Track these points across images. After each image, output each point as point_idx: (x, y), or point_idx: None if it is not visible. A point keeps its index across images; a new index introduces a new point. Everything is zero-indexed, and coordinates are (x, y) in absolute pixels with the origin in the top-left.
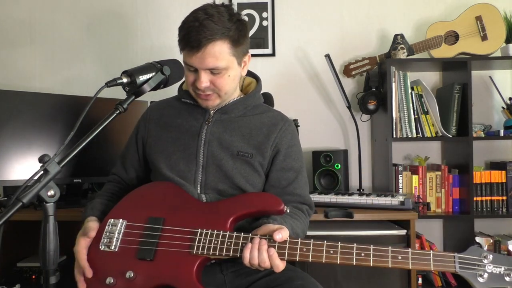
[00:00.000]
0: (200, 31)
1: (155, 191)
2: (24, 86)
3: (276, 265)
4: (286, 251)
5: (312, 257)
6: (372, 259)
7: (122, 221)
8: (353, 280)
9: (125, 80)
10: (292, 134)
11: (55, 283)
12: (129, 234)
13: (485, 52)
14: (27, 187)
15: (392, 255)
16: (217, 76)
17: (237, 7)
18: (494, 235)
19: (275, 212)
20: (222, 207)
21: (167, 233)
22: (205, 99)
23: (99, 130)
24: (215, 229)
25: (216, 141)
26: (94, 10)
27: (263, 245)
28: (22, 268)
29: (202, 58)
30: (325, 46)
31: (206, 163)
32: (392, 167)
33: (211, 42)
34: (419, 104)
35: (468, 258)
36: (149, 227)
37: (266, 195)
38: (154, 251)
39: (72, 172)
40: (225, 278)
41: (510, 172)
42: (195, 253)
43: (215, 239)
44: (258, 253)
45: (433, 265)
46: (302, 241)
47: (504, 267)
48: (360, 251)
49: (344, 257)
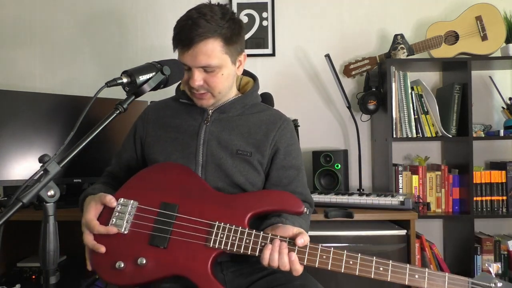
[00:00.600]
0: (192, 29)
1: (169, 174)
2: (24, 86)
3: (296, 270)
4: (306, 256)
5: (331, 265)
6: (390, 275)
7: (134, 202)
8: (354, 280)
9: (125, 80)
10: (291, 132)
11: (55, 283)
12: (141, 218)
13: (485, 52)
14: (27, 187)
15: (410, 273)
16: (211, 74)
17: (237, 7)
18: (494, 235)
19: (294, 213)
20: (240, 202)
21: (181, 222)
22: (199, 98)
23: (99, 130)
24: (232, 223)
25: (215, 140)
26: (94, 10)
27: (284, 249)
28: (22, 268)
29: (194, 56)
30: (325, 46)
31: (205, 162)
32: (392, 167)
33: (202, 40)
34: (419, 104)
35: (481, 285)
36: (162, 212)
37: (287, 195)
38: (168, 239)
39: (72, 172)
40: (225, 278)
41: (510, 172)
42: (211, 246)
43: (233, 234)
44: (279, 256)
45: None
46: (322, 248)
47: None
48: (379, 265)
49: (363, 269)
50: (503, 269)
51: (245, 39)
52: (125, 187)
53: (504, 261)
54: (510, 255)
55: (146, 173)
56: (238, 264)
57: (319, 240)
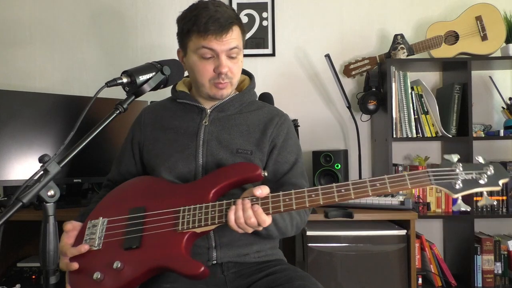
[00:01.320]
0: (221, 18)
1: (134, 184)
2: (24, 86)
3: (262, 220)
4: (270, 205)
5: (296, 204)
6: (353, 192)
7: (103, 219)
8: (353, 280)
9: (125, 80)
10: (288, 128)
11: (55, 283)
12: (112, 229)
13: (485, 52)
14: (27, 187)
15: (371, 183)
16: (233, 61)
17: (237, 7)
18: (494, 235)
19: (253, 177)
20: (201, 184)
21: (150, 218)
22: (222, 87)
23: (99, 130)
24: (196, 203)
25: (215, 140)
26: (94, 10)
27: (246, 204)
28: (22, 268)
29: (226, 40)
30: (325, 46)
31: (205, 163)
32: (392, 167)
33: (233, 25)
34: (419, 104)
35: (441, 171)
36: (131, 217)
37: (241, 164)
38: (140, 237)
39: (72, 172)
40: (226, 279)
41: (510, 172)
42: (180, 229)
43: (199, 211)
44: (243, 212)
45: (410, 184)
46: (283, 193)
47: (475, 171)
48: (340, 188)
49: (326, 196)
50: (503, 269)
51: (245, 39)
52: (94, 210)
53: (504, 261)
54: (510, 255)
55: (113, 191)
56: (239, 265)
57: (319, 240)
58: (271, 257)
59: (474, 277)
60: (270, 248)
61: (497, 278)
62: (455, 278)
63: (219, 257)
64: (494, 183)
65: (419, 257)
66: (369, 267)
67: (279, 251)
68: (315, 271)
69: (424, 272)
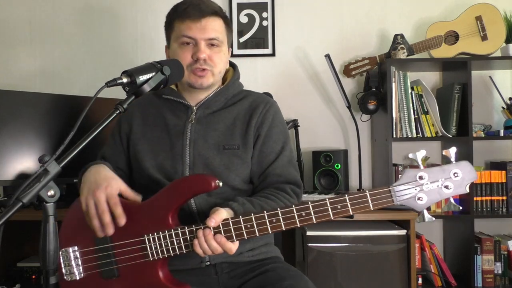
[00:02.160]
0: (201, 4)
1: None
2: (24, 86)
3: (228, 249)
4: (233, 232)
5: (258, 231)
6: (314, 216)
7: (73, 248)
8: (353, 280)
9: (125, 80)
10: (273, 115)
11: (55, 283)
12: (86, 260)
13: (485, 52)
14: (27, 187)
15: (332, 206)
16: (214, 50)
17: (237, 7)
18: (494, 235)
19: (206, 190)
20: (157, 204)
21: (119, 249)
22: (201, 75)
23: (99, 130)
24: (158, 230)
25: (201, 139)
26: (94, 10)
27: (207, 235)
28: (22, 268)
29: (203, 28)
30: (325, 46)
31: (192, 164)
32: (392, 167)
33: (212, 16)
34: (419, 104)
35: (404, 187)
36: (99, 248)
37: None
38: (116, 269)
39: (72, 172)
40: (219, 280)
41: (510, 172)
42: (152, 259)
43: (164, 241)
44: (207, 244)
45: (372, 205)
46: (244, 218)
47: (441, 179)
48: (301, 212)
49: (287, 222)
50: (503, 269)
51: (245, 39)
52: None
53: (504, 261)
54: (510, 255)
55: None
56: (233, 265)
57: (319, 240)
58: (266, 255)
59: (474, 277)
60: (264, 245)
61: (497, 278)
62: (455, 278)
63: (212, 258)
64: (461, 188)
65: (419, 257)
66: (369, 267)
67: (275, 248)
68: (315, 271)
69: (424, 272)
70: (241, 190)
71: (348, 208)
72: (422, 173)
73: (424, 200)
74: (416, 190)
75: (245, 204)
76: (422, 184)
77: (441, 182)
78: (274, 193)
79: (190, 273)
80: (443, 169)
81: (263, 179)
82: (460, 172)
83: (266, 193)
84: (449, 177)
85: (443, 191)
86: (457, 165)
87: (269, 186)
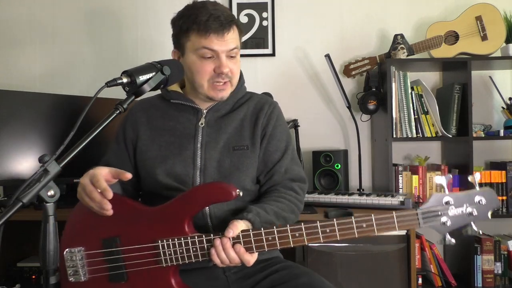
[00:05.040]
0: (221, 16)
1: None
2: (24, 86)
3: (246, 260)
4: (253, 244)
5: (279, 244)
6: (339, 234)
7: (79, 249)
8: (353, 280)
9: (125, 80)
10: (277, 115)
11: (55, 283)
12: (92, 262)
13: (485, 52)
14: (27, 187)
15: (357, 225)
16: (233, 61)
17: (237, 7)
18: (494, 235)
19: (227, 200)
20: (173, 210)
21: (129, 253)
22: (222, 88)
23: (99, 130)
24: (174, 235)
25: (213, 142)
26: (94, 10)
27: (226, 244)
28: (22, 268)
29: (226, 40)
30: (325, 46)
31: (204, 166)
32: (392, 167)
33: (232, 27)
34: (419, 104)
35: (431, 211)
36: (108, 251)
37: (211, 187)
38: (125, 273)
39: (72, 172)
40: (228, 280)
41: (510, 172)
42: (165, 266)
43: (179, 248)
44: (225, 253)
45: (398, 227)
46: (266, 231)
47: (466, 204)
48: (325, 228)
49: (310, 237)
50: (503, 269)
51: (245, 39)
52: (65, 237)
53: (504, 261)
54: (510, 255)
55: (77, 213)
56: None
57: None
58: (270, 255)
59: (474, 277)
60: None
61: (497, 278)
62: (455, 278)
63: None
64: (484, 215)
65: (419, 257)
66: (369, 267)
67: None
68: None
69: (424, 272)
70: (249, 190)
71: (374, 228)
72: (449, 198)
73: (448, 224)
74: (442, 215)
75: (260, 213)
76: (448, 209)
77: (466, 208)
78: (283, 195)
79: (198, 272)
80: (468, 195)
81: (270, 177)
82: (484, 199)
83: (275, 196)
84: (473, 203)
85: (467, 216)
86: (482, 192)
87: (276, 184)
